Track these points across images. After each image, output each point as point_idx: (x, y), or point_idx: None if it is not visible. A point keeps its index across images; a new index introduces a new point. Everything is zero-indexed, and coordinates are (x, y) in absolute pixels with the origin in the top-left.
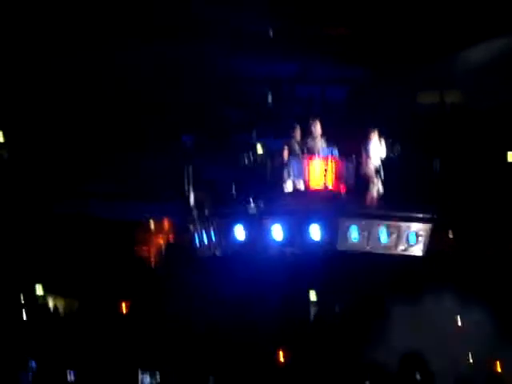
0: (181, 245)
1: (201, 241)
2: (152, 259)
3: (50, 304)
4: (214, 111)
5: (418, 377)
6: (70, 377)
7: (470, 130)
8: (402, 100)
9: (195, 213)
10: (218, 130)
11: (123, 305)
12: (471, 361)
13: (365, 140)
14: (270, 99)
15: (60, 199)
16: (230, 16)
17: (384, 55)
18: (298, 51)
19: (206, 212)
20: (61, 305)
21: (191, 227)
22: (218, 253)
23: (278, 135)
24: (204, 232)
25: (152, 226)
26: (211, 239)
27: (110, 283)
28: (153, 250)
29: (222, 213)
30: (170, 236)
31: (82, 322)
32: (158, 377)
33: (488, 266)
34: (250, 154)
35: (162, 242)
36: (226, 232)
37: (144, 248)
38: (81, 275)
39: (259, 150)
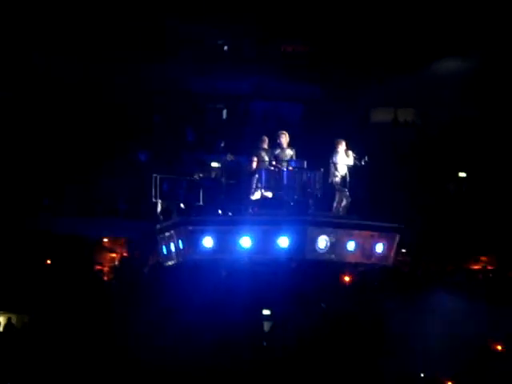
0: (136, 260)
1: (168, 249)
2: (107, 275)
3: (1, 320)
4: (169, 127)
5: None
6: None
7: (424, 146)
8: (355, 117)
9: (162, 222)
10: (174, 146)
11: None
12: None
13: (331, 152)
14: (224, 115)
15: (20, 216)
16: (189, 31)
17: (338, 73)
18: (253, 68)
19: (174, 221)
20: (13, 321)
21: (158, 236)
22: (184, 261)
23: (236, 150)
24: (171, 241)
25: (106, 242)
26: (179, 247)
27: (65, 299)
28: (107, 266)
29: (190, 221)
30: (124, 252)
31: (36, 339)
32: None
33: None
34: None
35: (116, 257)
36: (193, 240)
37: (99, 264)
38: (35, 291)
39: (215, 164)
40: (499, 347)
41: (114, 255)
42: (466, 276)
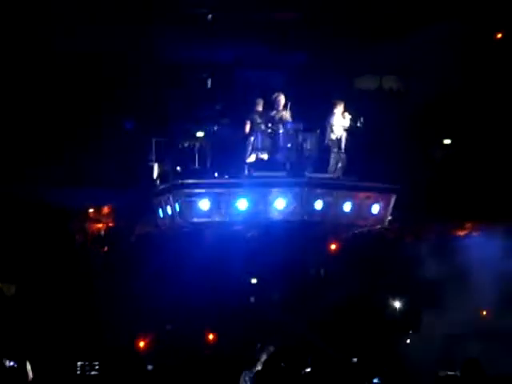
0: (123, 229)
1: (164, 213)
2: (92, 245)
3: None
4: (153, 97)
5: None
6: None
7: (409, 113)
8: (340, 84)
9: (158, 185)
10: (159, 115)
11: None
12: None
13: (328, 113)
14: (209, 84)
15: (3, 183)
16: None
17: (323, 41)
18: (237, 36)
19: (171, 184)
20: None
21: (155, 199)
22: (181, 224)
23: (221, 119)
24: (167, 204)
25: (92, 212)
26: (175, 210)
27: (50, 270)
28: (92, 236)
29: (186, 184)
30: (110, 222)
31: (21, 309)
32: (96, 366)
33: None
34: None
35: (102, 228)
36: (190, 203)
37: (84, 233)
38: (20, 261)
39: (200, 134)
40: None
41: (99, 225)
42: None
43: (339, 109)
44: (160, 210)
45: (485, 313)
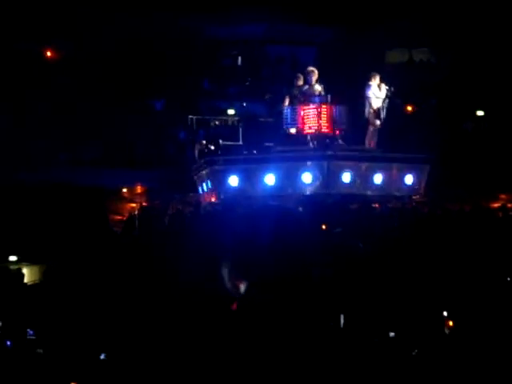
0: (156, 209)
1: (202, 189)
2: (125, 225)
3: (25, 271)
4: (184, 75)
5: None
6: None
7: (440, 85)
8: (370, 59)
9: (197, 164)
10: (190, 94)
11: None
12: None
13: (364, 87)
14: (239, 62)
15: (35, 167)
16: None
17: (352, 16)
18: (267, 12)
19: (203, 161)
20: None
21: (196, 177)
22: (214, 200)
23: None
24: (204, 181)
25: (125, 192)
26: (208, 187)
27: (84, 250)
28: (127, 217)
29: (215, 161)
30: (144, 202)
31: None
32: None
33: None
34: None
35: (136, 207)
36: (220, 179)
37: (119, 214)
38: (55, 243)
39: (232, 111)
40: None
41: (133, 205)
42: (486, 214)
43: (375, 81)
44: (199, 188)
45: None
